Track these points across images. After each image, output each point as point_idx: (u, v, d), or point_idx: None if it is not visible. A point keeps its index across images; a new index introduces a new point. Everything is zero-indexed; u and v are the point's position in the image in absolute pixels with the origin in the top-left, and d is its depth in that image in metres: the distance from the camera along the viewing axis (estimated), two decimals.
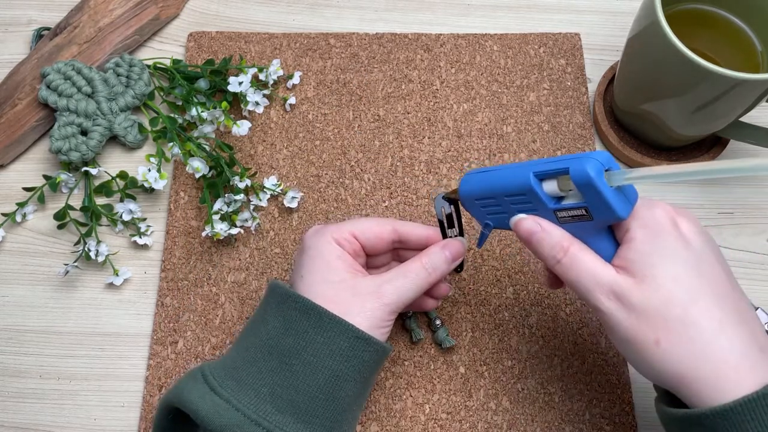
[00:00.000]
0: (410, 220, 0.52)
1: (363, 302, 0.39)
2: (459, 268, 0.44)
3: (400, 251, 0.46)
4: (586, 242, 0.36)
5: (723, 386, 0.31)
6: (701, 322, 0.32)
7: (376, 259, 0.45)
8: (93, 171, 0.52)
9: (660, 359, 0.32)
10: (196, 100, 0.54)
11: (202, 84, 0.55)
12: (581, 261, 0.35)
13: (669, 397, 0.35)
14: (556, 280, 0.40)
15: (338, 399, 0.37)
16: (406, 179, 0.54)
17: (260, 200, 0.52)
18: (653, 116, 0.50)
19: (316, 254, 0.41)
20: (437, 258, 0.41)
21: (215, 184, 0.51)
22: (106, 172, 0.54)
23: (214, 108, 0.52)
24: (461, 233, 0.43)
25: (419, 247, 0.43)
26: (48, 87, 0.53)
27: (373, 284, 0.40)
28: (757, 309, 0.49)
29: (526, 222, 0.36)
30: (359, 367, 0.38)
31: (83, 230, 0.51)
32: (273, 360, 0.37)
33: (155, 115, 0.55)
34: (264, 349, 0.38)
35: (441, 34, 0.59)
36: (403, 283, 0.40)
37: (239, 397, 0.36)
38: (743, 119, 0.50)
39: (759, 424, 0.29)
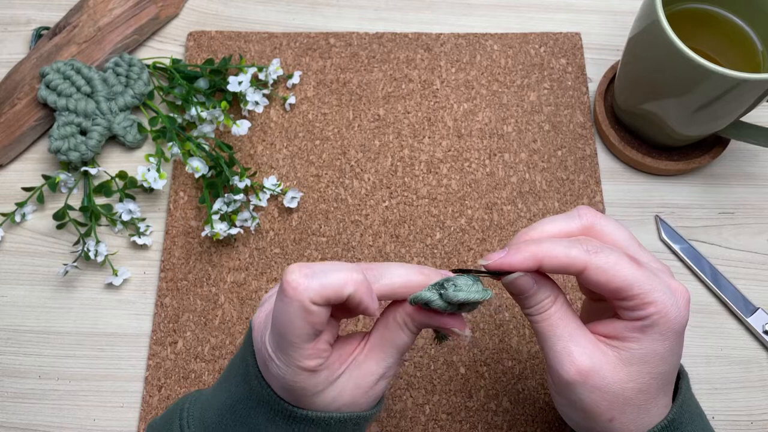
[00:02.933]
0: (410, 220, 0.52)
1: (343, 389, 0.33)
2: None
3: None
4: None
5: None
6: (653, 408, 0.33)
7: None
8: (92, 171, 0.52)
9: (606, 431, 0.33)
10: (195, 99, 0.54)
11: (202, 84, 0.55)
12: (562, 324, 0.33)
13: None
14: None
15: None
16: (406, 179, 0.54)
17: (260, 200, 0.52)
18: (654, 116, 0.50)
19: (284, 385, 0.32)
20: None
21: (215, 184, 0.51)
22: (105, 171, 0.54)
23: (214, 108, 0.52)
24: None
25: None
26: (47, 87, 0.53)
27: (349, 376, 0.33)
28: (757, 309, 0.49)
29: (522, 281, 0.32)
30: None
31: (82, 230, 0.51)
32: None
33: (154, 114, 0.55)
34: (235, 418, 0.34)
35: (441, 34, 0.59)
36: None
37: None
38: (744, 119, 0.50)
39: None
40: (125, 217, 0.51)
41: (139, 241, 0.51)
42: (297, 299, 0.29)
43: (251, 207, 0.52)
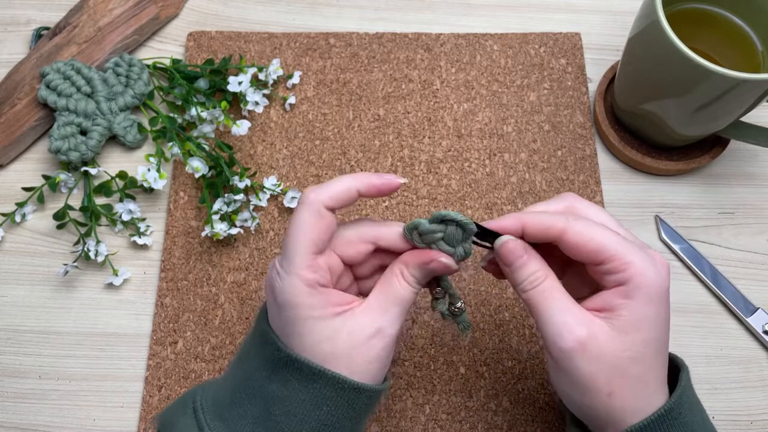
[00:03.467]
0: (410, 220, 0.52)
1: (349, 349, 0.34)
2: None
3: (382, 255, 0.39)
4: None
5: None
6: (651, 382, 0.33)
7: (359, 268, 0.38)
8: (92, 171, 0.52)
9: (606, 409, 0.33)
10: (195, 99, 0.54)
11: (202, 84, 0.55)
12: (556, 295, 0.34)
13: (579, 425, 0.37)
14: (497, 269, 0.37)
15: None
16: (406, 179, 0.54)
17: (260, 200, 0.52)
18: (654, 116, 0.50)
19: (284, 302, 0.34)
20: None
21: (215, 184, 0.51)
22: (105, 171, 0.54)
23: (214, 108, 0.52)
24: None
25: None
26: (47, 87, 0.53)
27: (352, 326, 0.35)
28: (757, 309, 0.49)
29: (512, 244, 0.35)
30: (350, 414, 0.35)
31: (83, 230, 0.51)
32: (257, 406, 0.34)
33: (155, 114, 0.55)
34: (249, 392, 0.35)
35: (441, 34, 0.59)
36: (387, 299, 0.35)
37: None
38: (744, 119, 0.50)
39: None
40: (125, 217, 0.51)
41: (140, 241, 0.51)
42: (311, 203, 0.34)
43: (251, 207, 0.52)
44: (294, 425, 0.34)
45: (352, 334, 0.34)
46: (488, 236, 0.35)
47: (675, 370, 0.36)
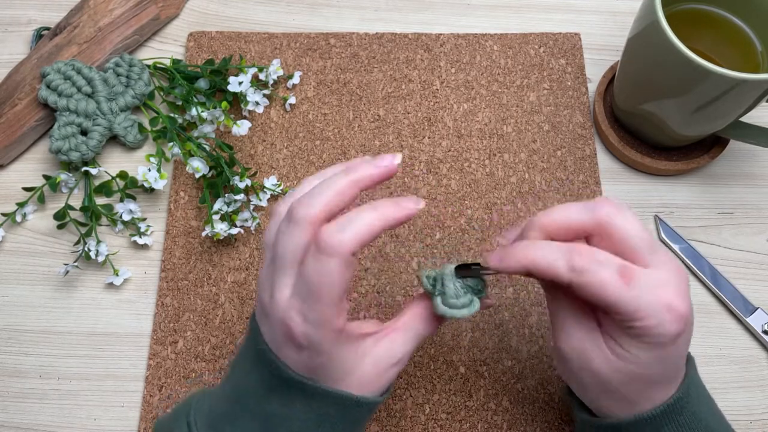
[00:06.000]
0: (410, 219, 0.52)
1: (354, 364, 0.34)
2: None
3: None
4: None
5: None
6: (642, 402, 0.34)
7: None
8: (93, 171, 0.52)
9: (614, 403, 0.34)
10: (196, 100, 0.54)
11: (202, 84, 0.55)
12: (573, 299, 0.34)
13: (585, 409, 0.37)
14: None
15: None
16: (406, 179, 0.54)
17: (260, 200, 0.52)
18: (653, 116, 0.50)
19: (310, 346, 0.33)
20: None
21: (215, 184, 0.51)
22: (106, 172, 0.54)
23: (214, 108, 0.52)
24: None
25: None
26: (48, 87, 0.53)
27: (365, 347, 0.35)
28: (756, 309, 0.49)
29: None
30: (351, 427, 0.35)
31: (83, 230, 0.51)
32: (255, 422, 0.34)
33: (155, 114, 0.55)
34: (245, 408, 0.34)
35: (441, 34, 0.59)
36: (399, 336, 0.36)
37: None
38: (743, 119, 0.50)
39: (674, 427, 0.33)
40: (126, 217, 0.51)
41: (140, 241, 0.51)
42: (338, 255, 0.30)
43: (251, 207, 0.52)
44: None
45: (375, 365, 0.34)
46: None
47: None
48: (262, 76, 0.56)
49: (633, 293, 0.31)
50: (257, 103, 0.55)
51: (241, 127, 0.52)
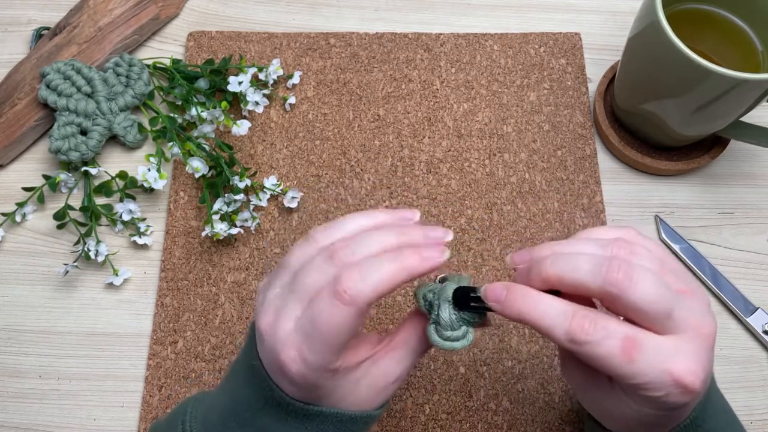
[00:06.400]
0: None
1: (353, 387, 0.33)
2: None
3: None
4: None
5: None
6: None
7: None
8: (92, 171, 0.52)
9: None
10: (195, 99, 0.54)
11: (202, 84, 0.55)
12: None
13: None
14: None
15: None
16: (406, 179, 0.54)
17: (260, 200, 0.52)
18: (653, 116, 0.50)
19: (304, 383, 0.32)
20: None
21: (215, 184, 0.51)
22: (105, 171, 0.54)
23: (214, 108, 0.52)
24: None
25: None
26: (47, 87, 0.53)
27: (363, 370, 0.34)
28: (756, 309, 0.49)
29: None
30: None
31: (83, 230, 0.51)
32: None
33: (155, 114, 0.55)
34: (240, 421, 0.33)
35: (441, 34, 0.59)
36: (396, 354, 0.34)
37: None
38: (744, 119, 0.50)
39: None
40: (125, 217, 0.51)
41: (140, 241, 0.51)
42: (355, 305, 0.29)
43: (251, 207, 0.52)
44: None
45: (373, 387, 0.33)
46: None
47: None
48: (261, 76, 0.56)
49: (638, 367, 0.29)
50: (257, 103, 0.55)
51: (241, 127, 0.52)
